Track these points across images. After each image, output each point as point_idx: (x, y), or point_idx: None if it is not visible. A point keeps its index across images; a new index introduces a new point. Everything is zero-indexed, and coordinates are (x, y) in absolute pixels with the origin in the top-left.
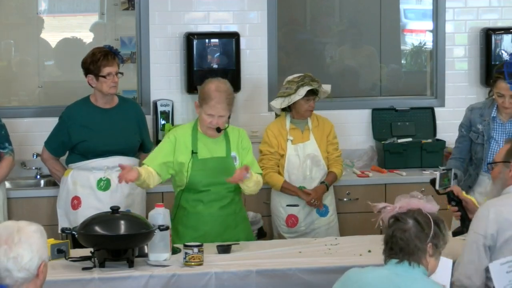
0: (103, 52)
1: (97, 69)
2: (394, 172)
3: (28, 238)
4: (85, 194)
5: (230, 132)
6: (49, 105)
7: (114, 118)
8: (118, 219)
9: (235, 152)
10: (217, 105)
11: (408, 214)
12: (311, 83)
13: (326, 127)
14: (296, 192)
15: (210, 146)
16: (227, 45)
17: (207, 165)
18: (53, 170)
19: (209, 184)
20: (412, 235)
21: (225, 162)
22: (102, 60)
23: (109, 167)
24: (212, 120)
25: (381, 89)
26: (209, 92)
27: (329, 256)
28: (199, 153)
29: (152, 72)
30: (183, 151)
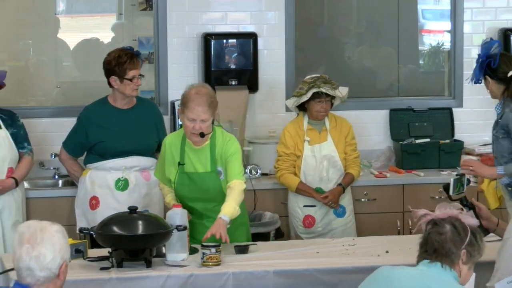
0: (128, 55)
1: (122, 71)
2: (411, 173)
3: (51, 238)
4: (103, 194)
5: (219, 140)
6: (67, 105)
7: (132, 118)
8: (136, 219)
9: (220, 166)
10: (198, 107)
11: (446, 220)
12: (321, 85)
13: (344, 128)
14: (311, 194)
15: (196, 158)
16: (244, 45)
17: (192, 180)
18: (71, 170)
19: (194, 200)
20: (447, 238)
21: (209, 178)
22: (129, 63)
23: (127, 167)
24: (194, 125)
25: (399, 89)
26: (189, 96)
27: (347, 257)
28: (186, 165)
29: (169, 72)
30: (170, 161)
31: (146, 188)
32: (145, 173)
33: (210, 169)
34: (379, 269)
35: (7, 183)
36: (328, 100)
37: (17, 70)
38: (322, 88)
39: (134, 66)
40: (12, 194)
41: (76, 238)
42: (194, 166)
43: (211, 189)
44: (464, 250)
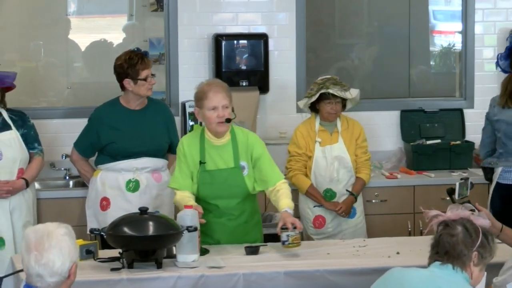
0: (139, 56)
1: (135, 72)
2: (422, 174)
3: (58, 243)
4: (114, 195)
5: (239, 136)
6: (78, 106)
7: (143, 119)
8: (147, 220)
9: (244, 160)
10: (217, 94)
11: (457, 221)
12: (330, 87)
13: (356, 130)
14: (319, 200)
15: (217, 155)
16: (255, 46)
17: (214, 178)
18: (82, 171)
19: (217, 198)
20: (459, 240)
21: (233, 174)
22: (140, 63)
23: (138, 168)
24: (218, 112)
25: (410, 90)
26: (204, 89)
27: (357, 258)
28: (207, 163)
29: (180, 73)
30: (190, 162)
31: (157, 189)
32: (156, 174)
33: (233, 165)
34: (390, 271)
35: (18, 184)
36: (339, 102)
37: (28, 71)
38: (330, 89)
39: (146, 66)
40: (23, 195)
41: (86, 239)
42: (215, 163)
43: (234, 185)
44: (475, 252)
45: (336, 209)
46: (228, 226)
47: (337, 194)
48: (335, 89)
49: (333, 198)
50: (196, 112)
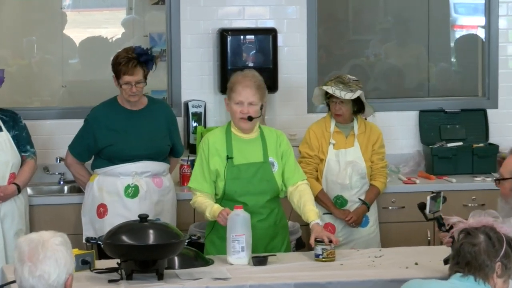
0: (125, 58)
1: (117, 73)
2: (443, 179)
3: (54, 253)
4: (112, 202)
5: (267, 133)
6: (73, 106)
7: (143, 120)
8: (147, 228)
9: (273, 157)
10: (246, 89)
11: (480, 229)
12: (332, 85)
13: (373, 134)
14: (329, 207)
15: (245, 149)
16: (263, 42)
17: (243, 172)
18: (77, 175)
19: (245, 194)
20: (481, 250)
21: (262, 168)
22: (123, 65)
23: (137, 172)
24: (242, 108)
25: (429, 89)
26: (235, 80)
27: (373, 269)
28: (235, 158)
29: (183, 71)
30: (216, 158)
31: (158, 195)
32: (157, 179)
33: (262, 159)
34: (408, 283)
35: (9, 190)
36: (344, 103)
37: (20, 68)
38: (326, 87)
39: (128, 71)
40: (14, 201)
41: (82, 248)
42: (245, 157)
43: (264, 180)
44: (499, 262)
45: (346, 218)
46: (258, 229)
47: (348, 202)
48: (334, 88)
49: (343, 205)
50: (226, 102)
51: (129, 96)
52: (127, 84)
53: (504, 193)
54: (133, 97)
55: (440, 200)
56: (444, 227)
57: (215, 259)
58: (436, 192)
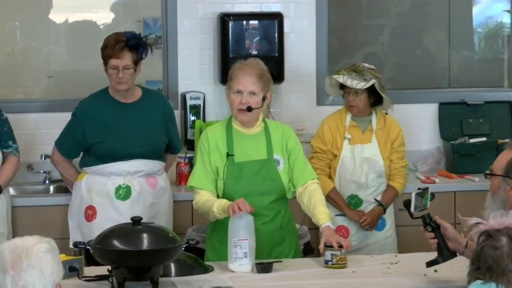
0: (113, 41)
1: (104, 58)
2: (465, 178)
3: (39, 262)
4: (102, 203)
5: (272, 128)
6: (60, 98)
7: (137, 114)
8: (140, 232)
9: (279, 154)
10: (246, 77)
11: (502, 232)
12: (343, 73)
13: (393, 131)
14: (341, 208)
15: (247, 146)
16: (268, 27)
17: (244, 170)
18: (65, 174)
19: (247, 194)
20: (504, 254)
21: (266, 166)
22: (109, 48)
23: (129, 172)
24: (241, 98)
25: (450, 80)
26: (236, 68)
27: (388, 277)
28: (236, 155)
29: (180, 59)
30: (217, 154)
31: (152, 197)
32: (151, 179)
33: (266, 157)
34: None
35: None
36: (357, 93)
37: (2, 57)
38: (341, 76)
39: (114, 54)
40: None
41: (69, 254)
42: (246, 154)
43: (268, 178)
44: None
45: (360, 220)
46: (262, 232)
47: (363, 202)
48: (346, 77)
49: (358, 206)
50: (226, 93)
51: (116, 84)
52: (113, 69)
53: (492, 190)
54: (120, 84)
55: (427, 196)
56: (430, 226)
57: (215, 266)
58: (422, 188)
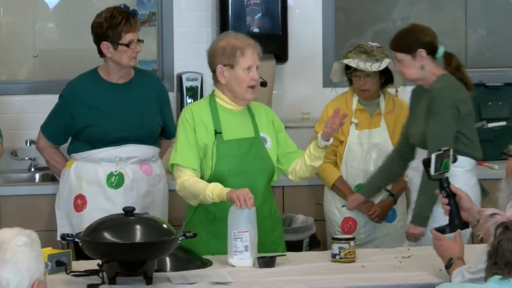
0: (123, 14)
1: (117, 35)
2: (483, 165)
3: (14, 255)
4: (92, 192)
5: (254, 107)
6: (47, 80)
7: (129, 96)
8: (133, 223)
9: (265, 132)
10: (254, 52)
11: None
12: (353, 56)
13: (403, 113)
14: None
15: (234, 123)
16: (271, 3)
17: (234, 149)
18: (51, 161)
19: (239, 174)
20: None
21: (255, 144)
22: (124, 24)
23: (122, 158)
24: (252, 74)
25: (467, 59)
26: (237, 44)
27: (400, 271)
28: (224, 133)
29: (176, 38)
30: (203, 130)
31: (147, 185)
32: (146, 165)
33: (254, 135)
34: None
35: None
36: (370, 76)
37: None
38: (347, 60)
39: (131, 28)
40: None
41: (57, 247)
42: (234, 132)
43: (258, 157)
44: None
45: (369, 212)
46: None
47: None
48: (357, 60)
49: None
50: (220, 71)
51: (130, 60)
52: (131, 44)
53: (507, 170)
54: (134, 60)
55: (449, 159)
56: (445, 191)
57: (213, 259)
58: (444, 149)
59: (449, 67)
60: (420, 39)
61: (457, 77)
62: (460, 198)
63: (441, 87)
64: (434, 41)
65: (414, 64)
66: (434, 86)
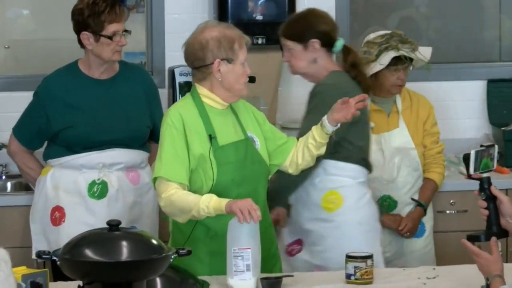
0: (108, 1)
1: (98, 24)
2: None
3: None
4: (71, 203)
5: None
6: (20, 75)
7: (114, 93)
8: (119, 239)
9: (251, 131)
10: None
11: None
12: (398, 47)
13: (423, 109)
14: None
15: (225, 125)
16: None
17: (233, 154)
18: (25, 168)
19: (244, 182)
20: None
21: (248, 147)
22: (108, 13)
23: (105, 164)
24: (247, 69)
25: (501, 52)
26: (231, 34)
27: None
28: (218, 137)
29: (167, 26)
30: (196, 140)
31: (134, 195)
32: (133, 173)
33: (244, 136)
34: None
35: None
36: (407, 67)
37: None
38: (402, 51)
39: (116, 18)
40: None
41: (32, 266)
42: (226, 135)
43: (256, 161)
44: None
45: (400, 227)
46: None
47: (398, 204)
48: (405, 50)
49: (392, 209)
50: (216, 66)
51: (114, 54)
52: (115, 36)
53: None
54: (118, 54)
55: (490, 158)
56: (485, 193)
57: (211, 281)
58: (486, 145)
59: (345, 63)
60: (314, 27)
61: (352, 75)
62: (500, 202)
63: (327, 83)
64: (331, 32)
65: (306, 55)
66: (321, 82)
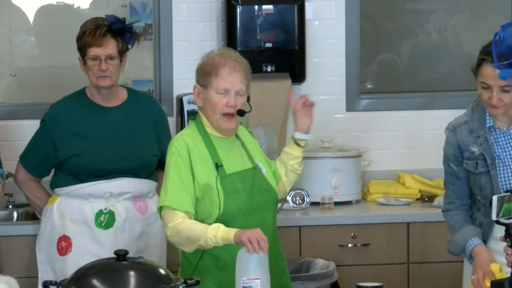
0: (93, 26)
1: (83, 48)
2: None
3: None
4: (78, 233)
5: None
6: (26, 102)
7: (121, 121)
8: (126, 269)
9: (257, 159)
10: (233, 73)
11: None
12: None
13: None
14: None
15: (230, 153)
16: (285, 14)
17: (240, 183)
18: (31, 197)
19: (251, 212)
20: None
21: (256, 176)
22: (87, 35)
23: (113, 194)
24: (229, 99)
25: None
26: (214, 60)
27: None
28: (224, 165)
29: (175, 53)
30: (202, 169)
31: (141, 225)
32: (141, 202)
33: (252, 165)
34: None
35: None
36: None
37: None
38: None
39: (97, 41)
40: None
41: None
42: (233, 163)
43: (264, 190)
44: None
45: None
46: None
47: None
48: None
49: None
50: (196, 92)
51: (97, 79)
52: (94, 61)
53: None
54: (103, 79)
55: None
56: (511, 239)
57: None
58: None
59: None
60: None
61: None
62: None
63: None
64: None
65: None
66: None
